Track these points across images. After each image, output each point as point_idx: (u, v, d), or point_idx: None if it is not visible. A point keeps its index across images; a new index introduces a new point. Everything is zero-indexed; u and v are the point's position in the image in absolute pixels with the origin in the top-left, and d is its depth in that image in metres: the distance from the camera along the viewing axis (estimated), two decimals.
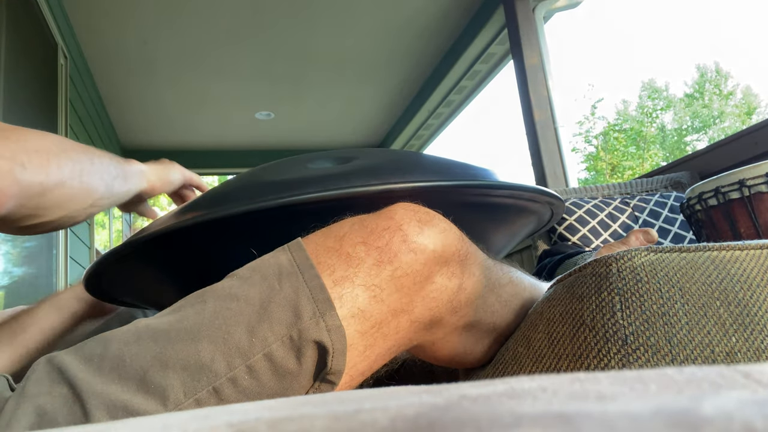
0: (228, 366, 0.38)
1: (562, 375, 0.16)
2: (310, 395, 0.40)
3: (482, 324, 0.50)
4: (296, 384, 0.40)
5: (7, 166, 0.44)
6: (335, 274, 0.41)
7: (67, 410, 0.35)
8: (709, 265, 0.43)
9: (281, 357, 0.39)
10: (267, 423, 0.14)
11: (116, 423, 0.18)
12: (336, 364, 0.40)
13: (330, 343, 0.40)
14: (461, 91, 3.59)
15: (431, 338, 0.48)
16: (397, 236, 0.43)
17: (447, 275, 0.45)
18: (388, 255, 0.42)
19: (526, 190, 0.56)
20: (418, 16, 3.00)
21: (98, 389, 0.36)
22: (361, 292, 0.41)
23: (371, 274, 0.42)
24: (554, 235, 1.52)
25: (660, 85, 22.33)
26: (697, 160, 1.70)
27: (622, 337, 0.41)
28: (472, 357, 0.53)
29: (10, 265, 2.10)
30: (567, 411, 0.12)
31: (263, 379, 0.39)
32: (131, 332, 0.39)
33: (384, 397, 0.15)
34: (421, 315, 0.44)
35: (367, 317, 0.41)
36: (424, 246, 0.43)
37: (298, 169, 0.52)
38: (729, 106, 20.46)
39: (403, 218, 0.44)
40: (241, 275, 0.42)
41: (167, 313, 0.41)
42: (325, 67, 3.48)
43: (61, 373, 0.37)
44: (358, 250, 0.42)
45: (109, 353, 0.38)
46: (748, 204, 0.80)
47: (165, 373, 0.37)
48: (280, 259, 0.42)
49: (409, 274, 0.43)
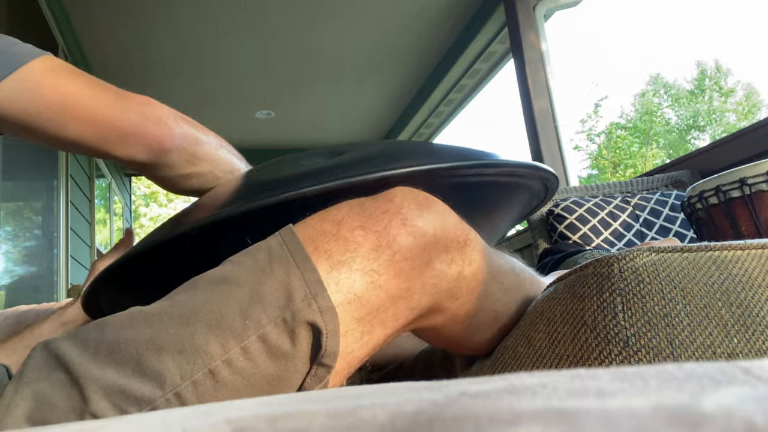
0: (223, 348, 0.38)
1: (561, 371, 0.16)
2: (309, 392, 0.40)
3: (484, 311, 0.49)
4: (292, 366, 0.40)
5: (173, 112, 0.56)
6: (332, 259, 0.41)
7: (65, 395, 0.36)
8: (710, 266, 0.43)
9: (275, 338, 0.39)
10: (266, 419, 0.14)
11: (116, 419, 0.18)
12: (330, 345, 0.40)
13: (323, 325, 0.39)
14: (462, 89, 3.59)
15: (431, 323, 0.47)
16: (397, 219, 0.42)
17: (446, 261, 0.44)
18: (386, 239, 0.42)
19: (520, 166, 0.56)
20: (418, 15, 3.00)
21: (95, 374, 0.36)
22: (358, 277, 0.41)
23: (369, 258, 0.41)
24: (555, 234, 1.52)
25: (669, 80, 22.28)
26: (698, 158, 1.70)
27: (624, 338, 0.41)
28: (473, 344, 0.53)
29: (11, 264, 2.10)
30: (567, 407, 0.12)
31: (258, 361, 0.39)
32: (125, 317, 0.40)
33: (383, 394, 0.15)
34: (420, 302, 0.44)
35: (363, 303, 0.41)
36: (424, 230, 0.43)
37: (291, 167, 0.51)
38: (730, 104, 20.44)
39: (402, 201, 0.43)
40: (233, 260, 0.43)
41: (161, 300, 0.41)
42: (325, 65, 3.48)
43: (58, 359, 0.37)
44: (356, 234, 0.42)
45: (104, 338, 0.38)
46: (748, 202, 0.80)
47: (160, 357, 0.37)
48: (271, 243, 0.42)
49: (408, 258, 0.42)
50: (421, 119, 4.10)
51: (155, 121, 0.54)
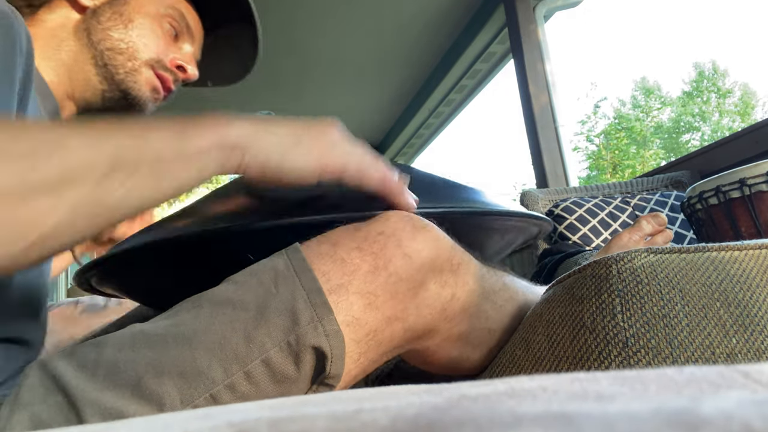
0: (225, 372, 0.37)
1: (562, 375, 0.16)
2: (310, 395, 0.40)
3: (477, 330, 0.50)
4: (295, 389, 0.40)
5: None
6: (330, 282, 0.41)
7: (63, 418, 0.35)
8: (708, 266, 0.43)
9: (279, 363, 0.39)
10: (268, 423, 0.14)
11: (116, 423, 0.18)
12: (335, 369, 0.40)
13: (329, 349, 0.39)
14: (462, 90, 3.59)
15: (425, 345, 0.48)
16: (392, 241, 0.43)
17: (440, 283, 0.45)
18: (383, 260, 0.42)
19: (515, 215, 0.57)
20: (418, 16, 3.00)
21: (93, 397, 0.35)
22: (356, 299, 0.41)
23: (366, 280, 0.41)
24: (555, 234, 1.52)
25: (652, 84, 22.36)
26: (698, 159, 1.70)
27: (623, 339, 0.41)
28: (468, 363, 0.53)
29: None
30: (567, 411, 0.12)
31: (261, 386, 0.38)
32: (125, 337, 0.39)
33: (384, 397, 0.16)
34: (415, 323, 0.44)
35: (362, 325, 0.41)
36: (419, 251, 0.43)
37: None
38: (727, 104, 20.48)
39: (397, 224, 0.44)
40: (236, 280, 0.42)
41: (162, 318, 0.41)
42: (325, 65, 3.48)
43: (55, 381, 0.37)
44: (353, 255, 0.42)
45: (102, 359, 0.37)
46: (748, 203, 0.80)
47: (160, 380, 0.36)
48: (276, 262, 0.42)
49: (403, 279, 0.42)
50: (421, 120, 4.09)
51: None
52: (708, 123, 20.10)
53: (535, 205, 1.65)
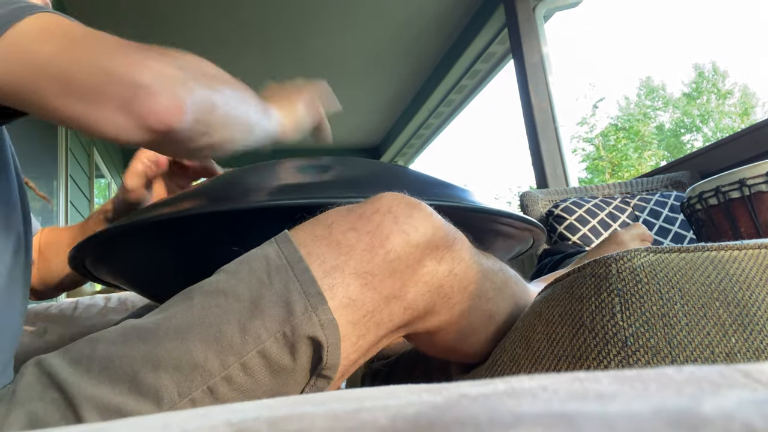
0: (222, 364, 0.37)
1: (562, 374, 0.16)
2: (309, 394, 0.40)
3: (478, 311, 0.50)
4: (292, 380, 0.40)
5: (181, 76, 0.42)
6: (325, 264, 0.41)
7: (60, 415, 0.35)
8: (708, 266, 0.43)
9: (275, 353, 0.39)
10: (267, 422, 0.14)
11: (115, 422, 0.18)
12: (331, 358, 0.40)
13: (324, 338, 0.39)
14: (461, 90, 3.59)
15: (426, 326, 0.47)
16: (388, 218, 0.43)
17: (436, 259, 0.45)
18: (379, 238, 0.42)
19: (505, 216, 0.57)
20: (418, 16, 3.00)
21: (89, 392, 0.35)
22: (352, 280, 0.41)
23: (363, 260, 0.41)
24: (554, 235, 1.52)
25: (657, 83, 22.41)
26: (698, 159, 1.70)
27: (622, 338, 0.41)
28: (469, 348, 0.53)
29: None
30: (567, 410, 0.12)
31: (258, 377, 0.38)
32: (118, 332, 0.39)
33: (384, 396, 0.15)
34: (414, 301, 0.44)
35: (359, 306, 0.41)
36: (416, 228, 0.43)
37: (289, 175, 0.56)
38: (727, 105, 20.51)
39: (392, 201, 0.44)
40: (228, 270, 0.42)
41: (155, 313, 0.40)
42: (324, 66, 3.48)
43: (51, 377, 0.37)
44: (349, 236, 0.42)
45: (96, 354, 0.37)
46: (748, 203, 0.80)
47: (157, 374, 0.36)
48: (268, 252, 0.42)
49: (401, 256, 0.42)
50: (421, 120, 4.09)
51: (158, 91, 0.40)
52: (708, 124, 20.13)
53: (535, 205, 1.65)
